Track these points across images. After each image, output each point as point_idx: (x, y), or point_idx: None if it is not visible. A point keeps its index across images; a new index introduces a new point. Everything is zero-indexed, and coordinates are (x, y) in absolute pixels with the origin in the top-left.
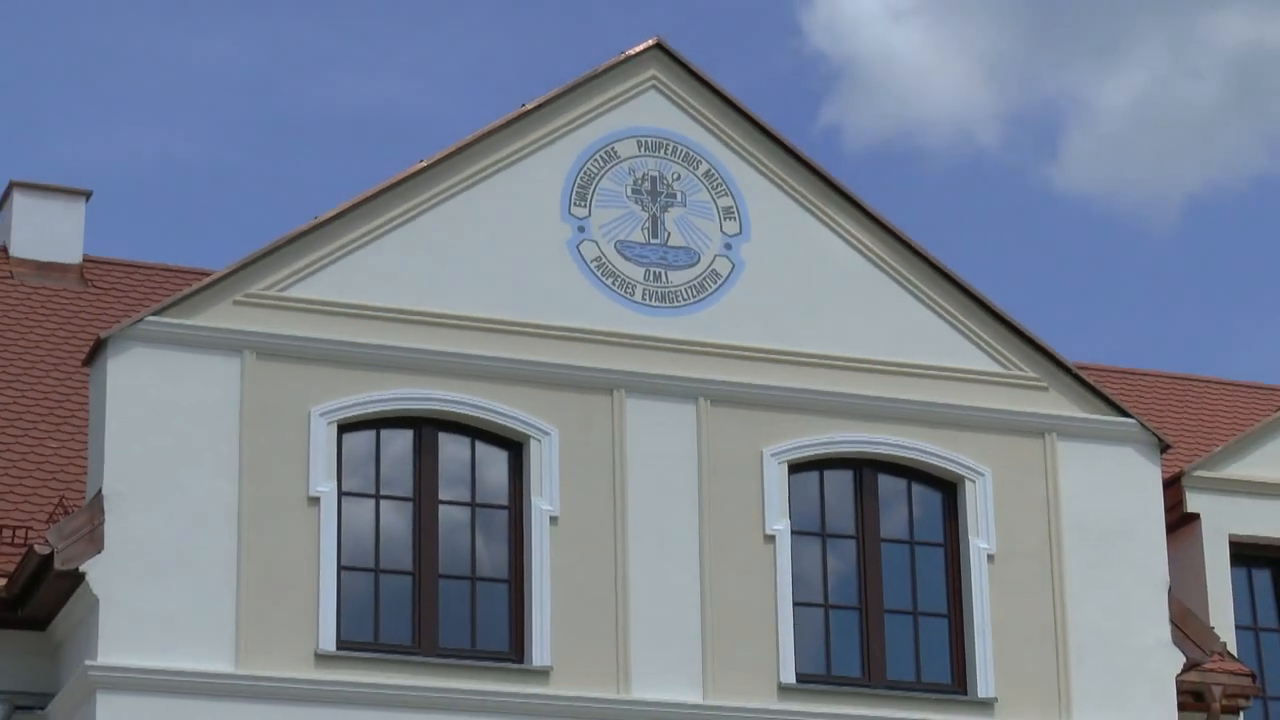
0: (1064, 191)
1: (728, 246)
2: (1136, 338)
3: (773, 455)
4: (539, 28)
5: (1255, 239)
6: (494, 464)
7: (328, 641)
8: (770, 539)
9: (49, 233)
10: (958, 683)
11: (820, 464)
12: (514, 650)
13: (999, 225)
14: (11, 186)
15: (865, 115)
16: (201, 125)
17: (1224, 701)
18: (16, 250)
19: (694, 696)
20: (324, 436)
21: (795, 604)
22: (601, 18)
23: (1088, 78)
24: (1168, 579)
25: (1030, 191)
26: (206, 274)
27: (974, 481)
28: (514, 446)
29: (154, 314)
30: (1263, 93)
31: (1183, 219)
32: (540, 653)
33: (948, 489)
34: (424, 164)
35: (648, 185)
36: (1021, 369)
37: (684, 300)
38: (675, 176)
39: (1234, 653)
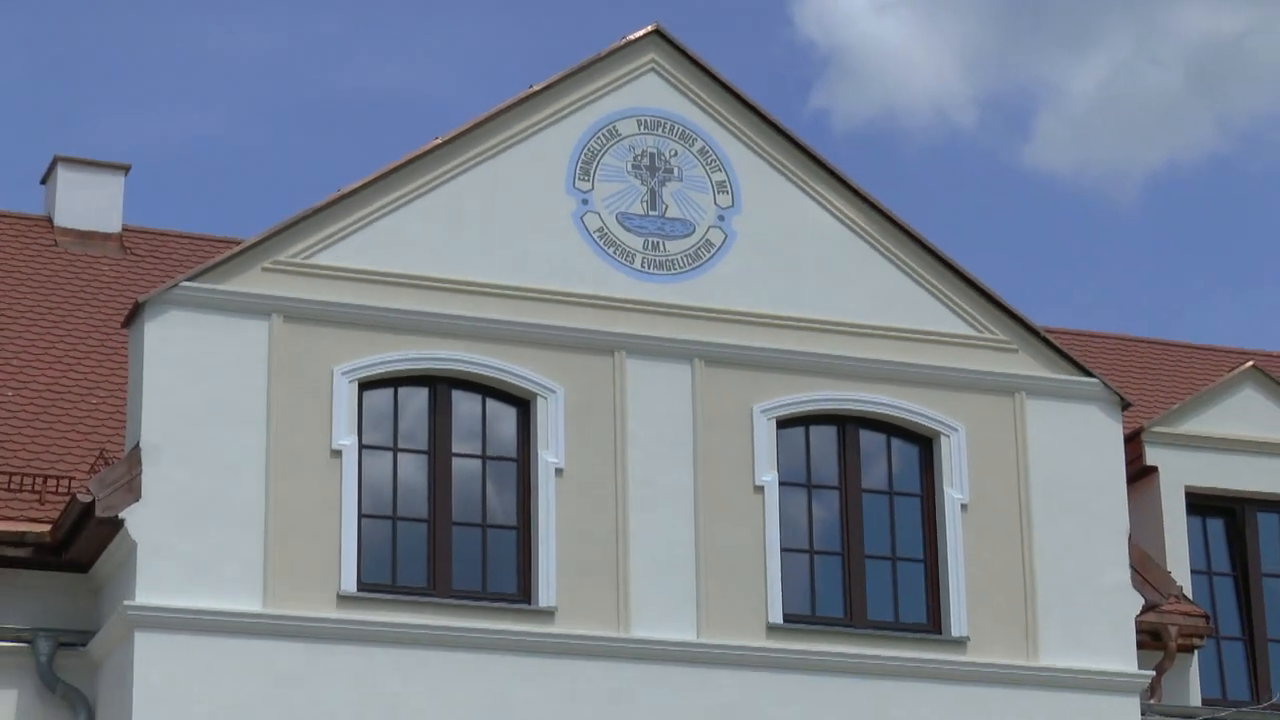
0: (1034, 170)
1: (721, 218)
2: (1101, 304)
3: (762, 412)
4: (545, 16)
5: (1211, 214)
6: (504, 420)
7: (349, 584)
8: (759, 489)
9: (90, 204)
10: (933, 623)
11: (806, 420)
12: (521, 592)
13: (974, 201)
14: (56, 161)
15: (851, 99)
16: (233, 107)
17: (1179, 641)
18: (60, 220)
19: (689, 635)
20: (346, 394)
21: (783, 550)
22: (604, 7)
23: (1057, 65)
24: (1128, 527)
25: (1003, 170)
26: (237, 243)
27: (948, 436)
28: (522, 403)
29: (188, 280)
30: (1219, 80)
31: (1144, 195)
32: (546, 594)
33: (924, 443)
34: (439, 141)
35: (647, 161)
36: (993, 332)
37: (680, 268)
38: (672, 153)
39: (1189, 596)
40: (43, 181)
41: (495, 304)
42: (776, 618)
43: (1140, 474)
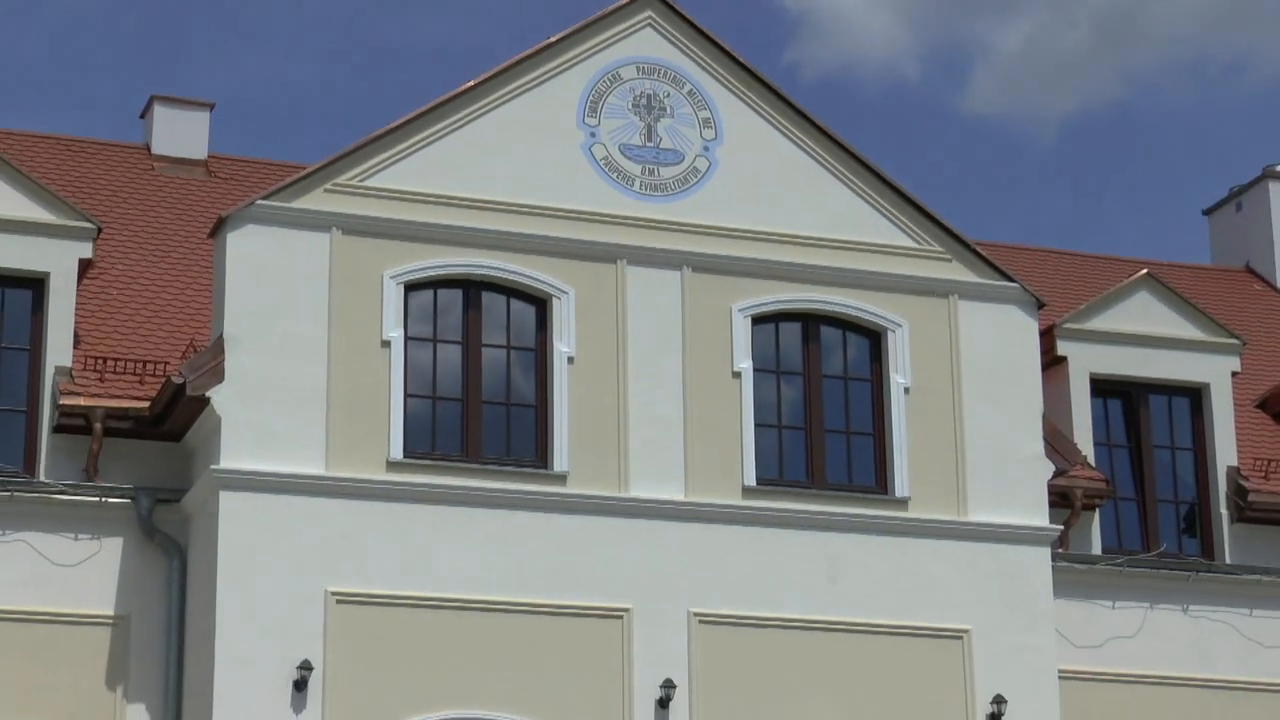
0: (968, 114)
1: (706, 149)
2: (1022, 222)
3: (739, 310)
4: None
5: (1113, 150)
6: (525, 316)
7: (396, 452)
8: (737, 375)
9: (181, 135)
10: (880, 485)
11: (776, 317)
12: (539, 459)
13: (918, 138)
14: (152, 99)
15: (817, 55)
16: (303, 53)
17: (1084, 501)
18: (156, 149)
19: (677, 495)
20: (394, 294)
21: (756, 425)
22: None
23: (988, 26)
24: (1042, 407)
25: (942, 114)
26: (303, 169)
27: (894, 331)
28: (540, 302)
29: (262, 199)
30: (1122, 39)
31: (1059, 135)
32: (560, 461)
33: (873, 337)
34: (472, 84)
35: (644, 101)
36: (932, 245)
37: (672, 190)
38: (665, 94)
39: (1092, 463)
40: (141, 116)
41: (518, 220)
42: (750, 481)
43: (1053, 363)
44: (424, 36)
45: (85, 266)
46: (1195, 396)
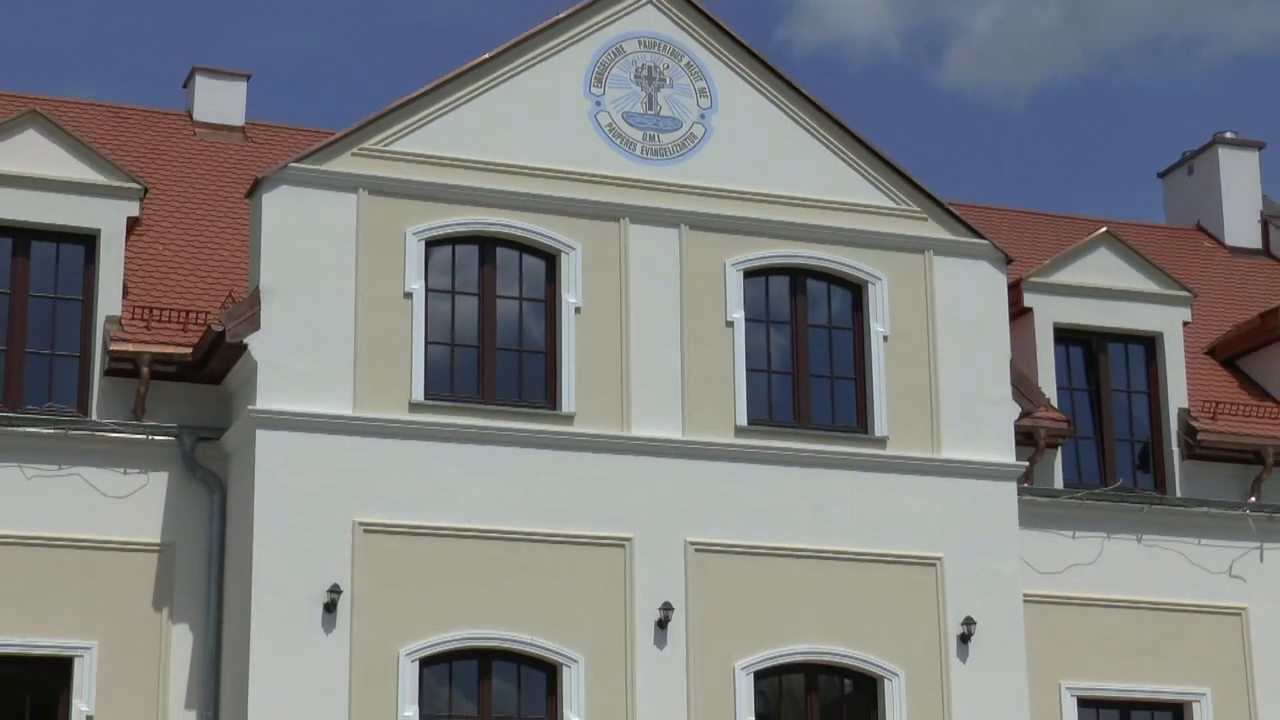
0: (946, 86)
1: (702, 117)
2: (993, 184)
3: (732, 265)
4: None
5: (1078, 119)
6: (536, 269)
7: (418, 393)
8: (730, 324)
9: (221, 103)
10: (861, 425)
11: (766, 271)
12: (549, 401)
13: (900, 109)
14: (194, 70)
15: (808, 33)
16: (333, 28)
17: (1047, 439)
18: (197, 115)
19: (675, 434)
20: (415, 250)
21: (747, 370)
22: None
23: (964, 6)
24: (1009, 353)
25: (922, 87)
26: (333, 134)
27: (874, 284)
28: (550, 257)
29: (295, 162)
30: (1087, 17)
31: (1029, 106)
32: (567, 402)
33: (855, 289)
34: (487, 56)
35: (645, 73)
36: (909, 205)
37: (671, 155)
38: (665, 67)
39: (1055, 405)
40: (184, 86)
41: (529, 181)
42: (742, 421)
43: (1019, 313)
44: (446, 13)
45: (133, 224)
46: (1150, 344)
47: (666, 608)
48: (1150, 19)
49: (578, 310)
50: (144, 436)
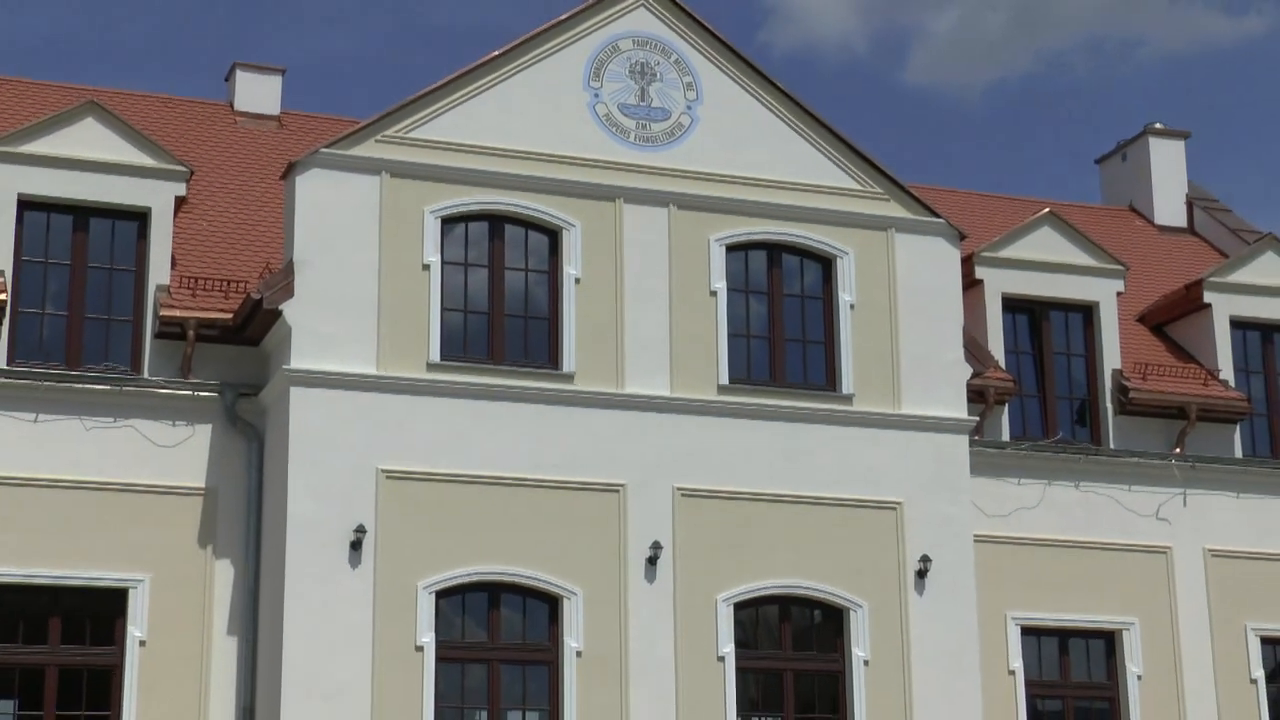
0: (908, 84)
1: (689, 108)
2: (949, 169)
3: (716, 240)
4: None
5: (1025, 113)
6: (540, 244)
7: (435, 355)
8: (714, 294)
9: (258, 95)
10: (830, 384)
11: (746, 246)
12: (552, 361)
13: (867, 103)
14: (234, 66)
15: (785, 35)
16: (359, 28)
17: (996, 397)
18: (238, 106)
19: (664, 391)
20: (432, 226)
21: (729, 335)
22: None
23: (925, 11)
24: (962, 320)
25: (886, 84)
26: (359, 123)
27: (842, 258)
28: (553, 234)
29: (325, 147)
30: (1035, 21)
31: (982, 102)
32: (568, 363)
33: (825, 263)
34: (497, 53)
35: (638, 68)
36: (874, 187)
37: (661, 142)
38: (656, 63)
39: (1003, 366)
40: (225, 79)
41: (534, 165)
42: (724, 380)
43: (971, 284)
44: (462, 14)
45: (180, 202)
46: (1087, 312)
47: (656, 546)
48: (1090, 23)
49: (577, 281)
50: (190, 392)
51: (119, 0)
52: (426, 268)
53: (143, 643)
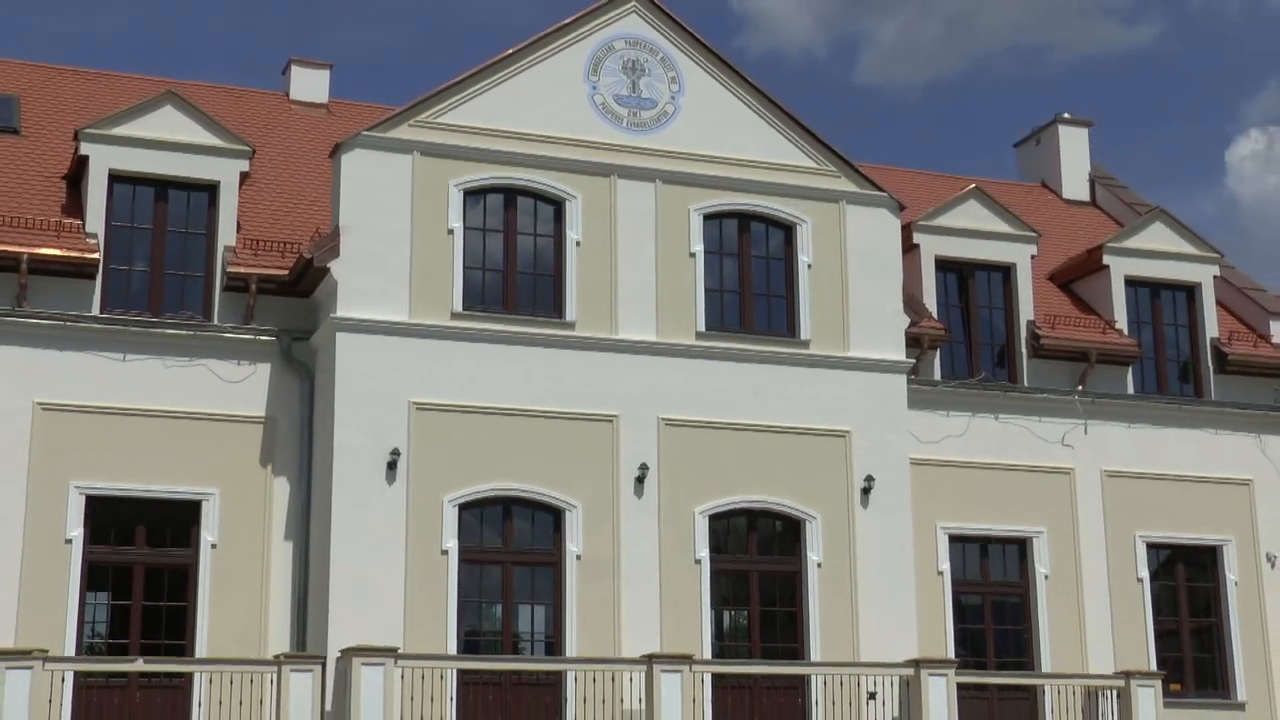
0: (859, 83)
1: (673, 98)
2: (893, 152)
3: (694, 210)
4: None
5: (958, 108)
6: (547, 213)
7: (458, 305)
8: (693, 255)
9: (311, 86)
10: (790, 331)
11: (720, 215)
12: (556, 310)
13: (825, 98)
14: (290, 61)
15: (756, 40)
16: (399, 25)
17: (929, 343)
18: (293, 95)
19: (651, 336)
20: (457, 198)
21: (705, 290)
22: None
23: (872, 20)
24: (901, 278)
25: (840, 83)
26: (395, 110)
27: (800, 226)
28: (557, 204)
29: (367, 131)
30: (964, 30)
31: (920, 97)
32: (570, 312)
33: (787, 229)
34: (510, 51)
35: (630, 65)
36: (828, 166)
37: (649, 127)
38: (645, 60)
39: (935, 317)
40: (282, 73)
41: (542, 146)
42: (701, 327)
43: (909, 248)
44: (491, 14)
45: (244, 177)
46: (1006, 272)
47: (643, 468)
48: (1012, 31)
49: (578, 244)
50: (252, 337)
51: (191, 4)
52: (451, 232)
53: (214, 546)
